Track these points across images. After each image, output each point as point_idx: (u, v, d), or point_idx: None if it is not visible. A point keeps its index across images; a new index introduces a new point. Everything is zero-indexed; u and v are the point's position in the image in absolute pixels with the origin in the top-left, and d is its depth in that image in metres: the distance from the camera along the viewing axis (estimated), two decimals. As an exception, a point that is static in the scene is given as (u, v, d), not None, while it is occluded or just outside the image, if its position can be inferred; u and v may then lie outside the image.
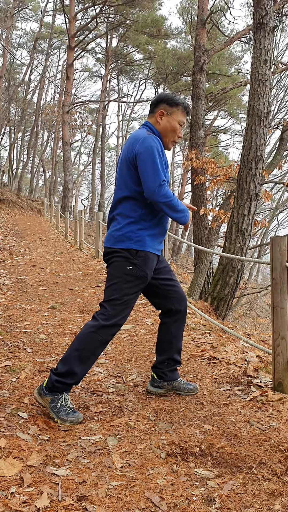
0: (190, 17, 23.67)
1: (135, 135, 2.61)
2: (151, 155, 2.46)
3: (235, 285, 6.41)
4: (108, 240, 2.65)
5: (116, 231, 2.60)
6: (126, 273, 2.56)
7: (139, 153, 2.49)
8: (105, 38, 28.02)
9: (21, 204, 26.17)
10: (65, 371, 2.48)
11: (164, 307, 2.83)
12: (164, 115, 2.63)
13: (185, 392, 2.89)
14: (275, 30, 6.26)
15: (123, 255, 2.57)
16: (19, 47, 33.98)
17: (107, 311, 2.54)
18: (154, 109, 2.67)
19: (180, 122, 2.66)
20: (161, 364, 2.88)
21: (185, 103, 2.68)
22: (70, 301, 5.75)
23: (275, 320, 2.92)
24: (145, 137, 2.51)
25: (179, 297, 2.81)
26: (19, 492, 1.79)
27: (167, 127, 2.64)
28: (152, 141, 2.50)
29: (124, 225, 2.57)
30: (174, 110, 2.64)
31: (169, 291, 2.79)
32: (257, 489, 1.90)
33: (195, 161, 10.30)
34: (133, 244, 2.56)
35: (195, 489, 1.90)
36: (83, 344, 2.50)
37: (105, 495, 1.82)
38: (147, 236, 2.59)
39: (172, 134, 2.66)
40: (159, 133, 2.65)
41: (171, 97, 2.65)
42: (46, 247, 12.49)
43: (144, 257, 2.58)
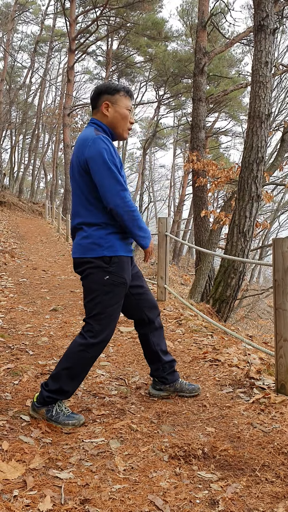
0: (190, 19, 23.73)
1: (82, 137, 2.43)
2: (104, 159, 2.31)
3: (237, 287, 6.41)
4: (76, 250, 2.48)
5: (83, 239, 2.43)
6: (104, 284, 2.42)
7: (90, 157, 2.33)
8: (105, 40, 28.05)
9: (23, 206, 26.20)
10: (55, 389, 2.44)
11: (136, 316, 2.73)
12: (110, 106, 2.48)
13: (187, 393, 2.87)
14: (275, 32, 6.27)
15: (96, 265, 2.41)
16: (20, 50, 34.10)
17: (93, 327, 2.44)
18: (96, 104, 2.51)
19: (127, 107, 2.51)
20: (157, 371, 2.85)
21: (125, 87, 2.53)
22: (72, 303, 5.75)
23: (277, 322, 2.92)
24: (93, 139, 2.35)
25: (150, 306, 2.71)
26: (22, 496, 1.79)
27: (116, 116, 2.49)
28: (101, 143, 2.34)
29: (91, 232, 2.41)
30: (118, 97, 2.49)
31: (140, 300, 2.68)
32: (261, 491, 1.89)
33: (196, 163, 10.31)
34: (104, 250, 2.41)
35: (198, 492, 1.90)
36: (73, 362, 2.44)
37: (108, 498, 1.82)
38: (117, 239, 2.44)
39: (124, 122, 2.51)
40: (109, 126, 2.50)
41: (109, 85, 2.51)
42: (47, 250, 12.50)
43: (118, 262, 2.44)
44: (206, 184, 10.79)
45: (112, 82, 2.57)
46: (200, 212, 10.46)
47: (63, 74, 33.11)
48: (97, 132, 2.41)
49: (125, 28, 24.37)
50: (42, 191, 46.85)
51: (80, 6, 25.42)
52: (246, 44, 17.61)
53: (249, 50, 24.90)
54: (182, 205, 32.36)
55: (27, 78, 32.52)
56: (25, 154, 35.93)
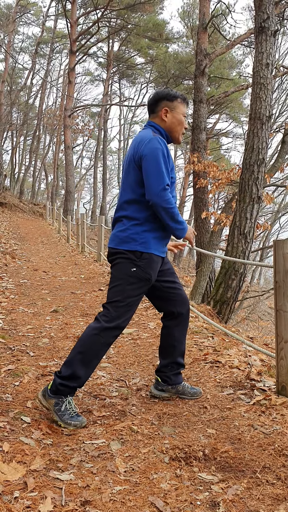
0: (191, 21, 23.75)
1: (141, 136, 2.59)
2: (156, 157, 2.45)
3: (237, 289, 6.40)
4: (112, 240, 2.63)
5: (121, 232, 2.58)
6: (130, 274, 2.54)
7: (144, 154, 2.48)
8: (106, 42, 28.12)
9: (23, 208, 26.22)
10: (68, 374, 2.47)
11: (166, 309, 2.82)
12: (169, 112, 2.64)
13: (189, 396, 2.88)
14: (276, 34, 6.27)
15: (127, 256, 2.54)
16: (21, 52, 34.19)
17: (110, 312, 2.53)
18: (155, 109, 2.67)
19: (183, 113, 2.68)
20: (165, 368, 2.87)
21: (183, 94, 2.69)
22: (73, 304, 5.75)
23: (278, 323, 2.92)
24: (151, 139, 2.50)
25: (181, 300, 2.80)
26: (22, 497, 1.79)
27: (174, 122, 2.65)
28: (157, 143, 2.49)
29: (129, 226, 2.55)
30: (176, 104, 2.64)
31: (172, 293, 2.78)
32: (262, 493, 1.89)
33: (197, 164, 10.31)
34: (138, 245, 2.54)
35: (199, 493, 1.89)
36: (86, 346, 2.50)
37: (109, 500, 1.82)
38: (152, 238, 2.57)
39: (180, 127, 2.68)
40: (166, 130, 2.66)
41: (168, 92, 2.66)
42: (48, 251, 12.50)
43: (148, 259, 2.56)
44: (207, 186, 10.79)
45: (171, 89, 2.71)
46: (201, 214, 10.47)
47: (64, 76, 33.16)
48: (154, 134, 2.56)
49: (126, 29, 24.43)
50: (42, 192, 46.88)
51: (81, 8, 25.49)
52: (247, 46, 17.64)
53: (250, 52, 24.92)
54: (183, 207, 32.37)
55: (28, 80, 32.67)
56: (26, 156, 35.99)
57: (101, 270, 8.97)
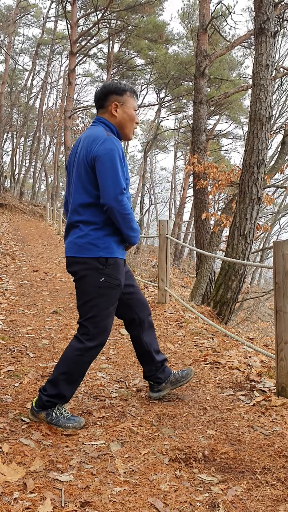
0: (191, 22, 23.76)
1: (93, 134, 2.41)
2: (112, 160, 2.31)
3: (237, 290, 6.40)
4: (70, 248, 2.44)
5: (79, 238, 2.40)
6: (100, 286, 2.40)
7: (98, 155, 2.32)
8: (106, 43, 28.10)
9: (23, 209, 26.23)
10: (54, 394, 2.43)
11: (127, 316, 2.71)
12: (119, 107, 2.49)
13: (184, 380, 2.85)
14: (276, 35, 6.28)
15: (91, 266, 2.38)
16: (21, 53, 34.19)
17: (89, 331, 2.42)
18: (104, 103, 2.51)
19: (134, 108, 2.54)
20: (150, 372, 2.83)
21: (132, 87, 2.55)
22: (73, 305, 5.74)
23: (278, 324, 2.92)
24: (105, 139, 2.34)
25: (140, 305, 2.70)
26: (22, 498, 1.79)
27: (124, 117, 2.51)
28: (112, 144, 2.33)
29: (88, 231, 2.38)
30: (126, 98, 2.50)
31: (130, 299, 2.67)
32: (261, 494, 1.89)
33: (197, 165, 10.32)
34: (100, 251, 2.38)
35: (198, 494, 1.89)
36: (70, 367, 2.42)
37: (109, 501, 1.82)
38: (113, 241, 2.43)
39: (131, 123, 2.54)
40: (117, 126, 2.51)
41: (117, 85, 2.50)
42: (48, 252, 12.50)
43: (114, 264, 2.42)
44: (207, 187, 10.79)
45: (119, 82, 2.55)
46: (201, 215, 10.47)
47: (64, 77, 33.18)
48: (107, 133, 2.41)
49: (126, 31, 24.44)
50: (43, 193, 46.88)
51: (81, 9, 25.50)
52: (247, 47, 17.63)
53: (250, 53, 24.93)
54: (183, 208, 32.36)
55: (28, 81, 32.66)
56: (26, 157, 35.99)
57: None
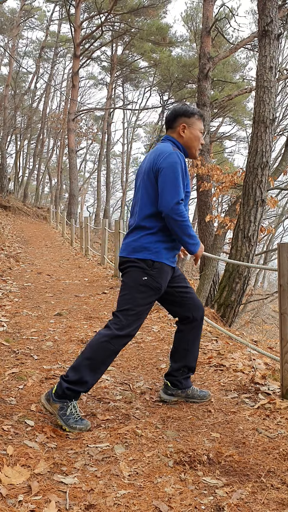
0: (194, 25, 23.78)
1: (160, 148, 2.63)
2: (174, 171, 2.49)
3: (241, 292, 6.39)
4: (124, 249, 2.66)
5: (133, 242, 2.61)
6: (141, 283, 2.57)
7: (162, 167, 2.51)
8: (110, 46, 28.19)
9: (27, 211, 26.28)
10: (76, 379, 2.47)
11: (181, 314, 2.83)
12: (186, 128, 2.70)
13: (198, 400, 2.88)
14: (280, 37, 6.28)
15: (139, 265, 2.57)
16: (25, 56, 34.30)
17: (121, 321, 2.54)
18: (173, 124, 2.73)
19: (200, 130, 2.75)
20: (176, 372, 2.86)
21: (200, 111, 2.78)
22: (77, 308, 5.75)
23: (282, 326, 2.91)
24: (170, 153, 2.54)
25: (195, 304, 2.81)
26: (27, 501, 1.78)
27: (191, 138, 2.71)
28: (176, 157, 2.52)
29: (142, 235, 2.59)
30: (193, 121, 2.71)
31: (185, 298, 2.79)
32: (266, 498, 1.88)
33: (200, 167, 10.32)
34: (151, 254, 2.56)
35: (203, 497, 1.89)
36: (95, 353, 2.50)
37: (113, 504, 1.81)
38: (164, 248, 2.59)
39: (197, 143, 2.74)
40: (184, 145, 2.71)
41: (186, 109, 2.72)
42: (52, 254, 12.52)
43: (159, 268, 2.58)
44: (211, 189, 10.79)
45: (188, 105, 2.79)
46: (204, 217, 10.46)
47: (68, 80, 33.29)
48: (174, 148, 2.60)
49: (129, 33, 24.49)
50: (46, 196, 46.96)
51: (85, 12, 25.59)
52: (250, 49, 17.66)
53: (253, 55, 24.95)
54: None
55: (32, 84, 32.74)
56: (30, 159, 36.12)
57: (104, 273, 8.97)
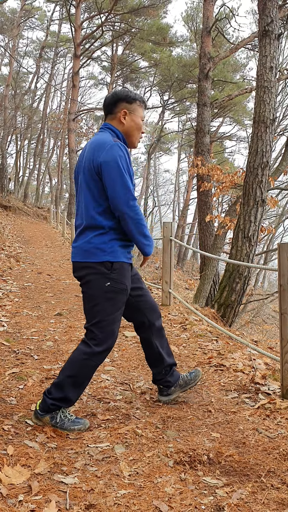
0: (195, 25, 23.77)
1: (98, 140, 2.42)
2: (119, 166, 2.32)
3: (241, 292, 6.39)
4: (76, 253, 2.48)
5: (86, 244, 2.43)
6: (106, 290, 2.42)
7: (105, 162, 2.33)
8: (110, 46, 28.18)
9: (28, 211, 26.28)
10: (60, 397, 2.43)
11: (136, 319, 2.72)
12: (127, 114, 2.51)
13: (193, 382, 2.85)
14: (280, 37, 6.28)
15: (97, 271, 2.41)
16: (26, 56, 34.29)
17: (97, 335, 2.43)
18: (113, 109, 2.53)
19: (142, 117, 2.57)
20: (160, 375, 2.83)
21: (141, 97, 2.58)
22: (77, 307, 5.75)
23: (283, 327, 2.91)
24: (112, 145, 2.36)
25: (150, 307, 2.70)
26: (27, 500, 1.79)
27: (132, 125, 2.53)
28: (119, 150, 2.35)
29: (93, 236, 2.41)
30: (135, 107, 2.53)
31: (140, 302, 2.67)
32: (266, 498, 1.88)
33: (200, 167, 10.32)
34: (107, 255, 2.40)
35: (203, 497, 1.89)
36: (77, 371, 2.44)
37: (113, 504, 1.81)
38: (119, 246, 2.45)
39: (138, 131, 2.57)
40: (124, 133, 2.53)
41: (128, 94, 2.53)
42: (52, 254, 12.52)
43: (119, 268, 2.44)
44: (211, 189, 10.79)
45: (129, 90, 2.59)
46: (205, 217, 10.46)
47: (68, 80, 33.28)
48: (114, 139, 2.42)
49: (130, 33, 24.47)
50: (47, 195, 46.96)
51: (85, 12, 25.58)
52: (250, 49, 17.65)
53: (253, 55, 24.93)
54: (186, 210, 32.37)
55: (33, 84, 32.74)
56: (30, 159, 36.09)
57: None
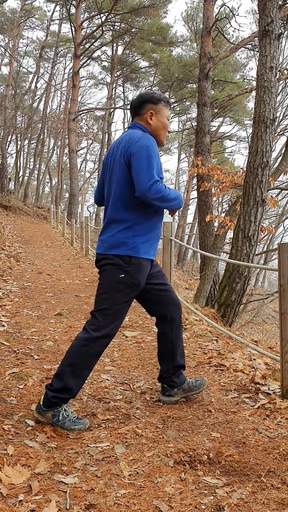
0: (195, 24, 23.79)
1: (129, 134, 2.55)
2: (146, 154, 2.42)
3: (241, 292, 6.39)
4: (100, 246, 2.59)
5: (110, 237, 2.54)
6: (118, 281, 2.50)
7: (134, 152, 2.44)
8: (110, 46, 28.19)
9: (28, 211, 26.28)
10: (60, 387, 2.45)
11: (158, 313, 2.79)
12: (154, 115, 2.63)
13: (197, 390, 2.87)
14: (280, 37, 6.28)
15: (115, 262, 2.50)
16: (26, 56, 34.29)
17: (98, 321, 2.49)
18: (140, 111, 2.66)
19: (167, 117, 2.69)
20: (167, 373, 2.86)
21: (166, 97, 2.71)
22: (77, 307, 5.75)
23: (283, 327, 2.91)
24: (141, 137, 2.48)
25: (172, 302, 2.77)
26: (27, 500, 1.79)
27: (158, 125, 2.64)
28: (147, 141, 2.46)
29: (118, 230, 2.51)
30: (160, 107, 2.65)
31: (163, 296, 2.75)
32: (267, 498, 1.88)
33: (200, 167, 10.32)
34: (128, 250, 2.50)
35: (203, 497, 1.89)
36: (76, 359, 2.46)
37: (113, 504, 1.81)
38: (141, 242, 2.53)
39: (165, 130, 2.68)
40: (151, 133, 2.63)
41: (153, 95, 2.66)
42: (52, 254, 12.52)
43: (137, 264, 2.52)
44: (211, 189, 10.79)
45: (154, 92, 2.72)
46: (205, 217, 10.47)
47: (68, 79, 33.29)
48: (143, 133, 2.55)
49: (130, 33, 24.49)
50: (47, 195, 46.96)
51: (85, 12, 25.59)
52: (250, 49, 17.65)
53: (253, 55, 24.93)
54: (186, 210, 32.37)
55: (33, 83, 32.72)
56: (30, 159, 36.08)
57: (105, 273, 8.95)
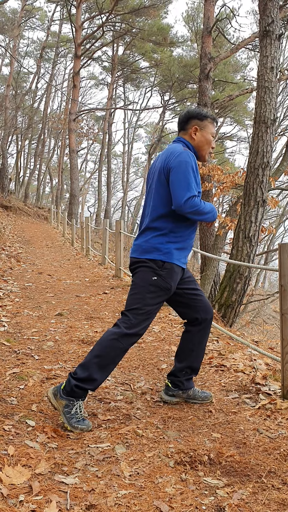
0: (195, 25, 23.77)
1: (171, 149, 2.66)
2: (185, 169, 2.51)
3: (242, 292, 6.38)
4: (135, 250, 2.69)
5: (144, 243, 2.64)
6: (151, 283, 2.59)
7: (173, 166, 2.54)
8: (111, 46, 28.20)
9: (28, 211, 26.28)
10: (84, 376, 2.49)
11: (190, 316, 2.84)
12: (198, 131, 2.72)
13: (199, 401, 2.88)
14: (281, 37, 6.27)
15: (149, 265, 2.60)
16: (26, 56, 34.30)
17: (130, 319, 2.57)
18: (185, 126, 2.75)
19: (212, 134, 2.77)
20: (179, 372, 2.87)
21: (213, 115, 2.81)
22: (77, 308, 5.75)
23: (283, 327, 2.91)
24: (181, 152, 2.57)
25: (204, 306, 2.82)
26: (27, 501, 1.79)
27: (202, 140, 2.73)
28: (187, 157, 2.55)
29: (153, 236, 2.61)
30: (206, 124, 2.74)
31: (194, 300, 2.81)
32: (267, 498, 1.88)
33: (201, 168, 10.31)
34: (161, 255, 2.59)
35: (204, 498, 1.89)
36: (104, 351, 2.52)
37: (114, 504, 1.81)
38: (175, 249, 2.62)
39: (208, 146, 2.77)
40: (195, 148, 2.73)
41: (199, 112, 2.76)
42: (53, 254, 12.52)
43: (169, 269, 2.60)
44: (212, 189, 10.79)
45: (201, 109, 2.84)
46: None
47: (69, 80, 33.30)
48: (184, 148, 2.64)
49: (130, 34, 24.49)
50: (47, 196, 46.98)
51: (86, 12, 25.60)
52: (251, 50, 17.64)
53: (254, 56, 24.94)
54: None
55: (33, 84, 32.75)
56: (31, 159, 36.09)
57: (105, 273, 8.97)
